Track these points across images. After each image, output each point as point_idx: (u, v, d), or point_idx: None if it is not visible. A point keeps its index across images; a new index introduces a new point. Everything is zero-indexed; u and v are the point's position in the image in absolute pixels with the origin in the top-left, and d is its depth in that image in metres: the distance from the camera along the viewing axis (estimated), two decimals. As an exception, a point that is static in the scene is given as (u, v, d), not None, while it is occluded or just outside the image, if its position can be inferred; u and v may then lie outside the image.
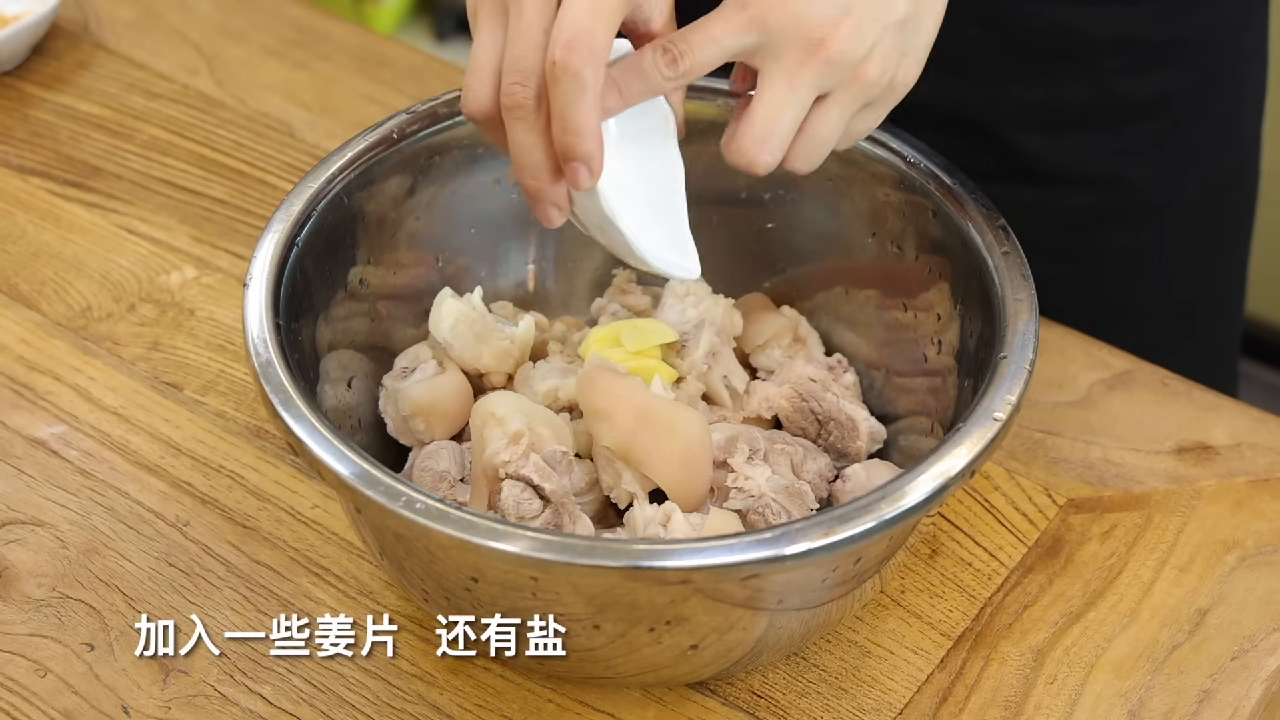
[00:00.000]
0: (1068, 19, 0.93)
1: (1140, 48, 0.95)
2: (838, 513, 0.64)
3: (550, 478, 0.73)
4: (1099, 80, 0.96)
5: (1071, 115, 0.97)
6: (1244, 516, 0.83)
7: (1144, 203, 1.00)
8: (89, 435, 0.87)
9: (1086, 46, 0.95)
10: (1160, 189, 1.00)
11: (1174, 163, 1.00)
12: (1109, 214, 1.00)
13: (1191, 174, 1.01)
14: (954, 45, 0.95)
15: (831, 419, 0.80)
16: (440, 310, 0.81)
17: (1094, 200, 0.99)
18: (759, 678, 0.76)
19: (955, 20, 0.94)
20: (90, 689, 0.75)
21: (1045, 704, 0.75)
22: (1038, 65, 0.95)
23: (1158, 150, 0.99)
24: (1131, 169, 0.99)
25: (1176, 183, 1.01)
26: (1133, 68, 0.95)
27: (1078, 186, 0.99)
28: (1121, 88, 0.96)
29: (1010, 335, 0.72)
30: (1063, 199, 0.98)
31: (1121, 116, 0.97)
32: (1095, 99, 0.96)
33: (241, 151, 1.06)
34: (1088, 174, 0.98)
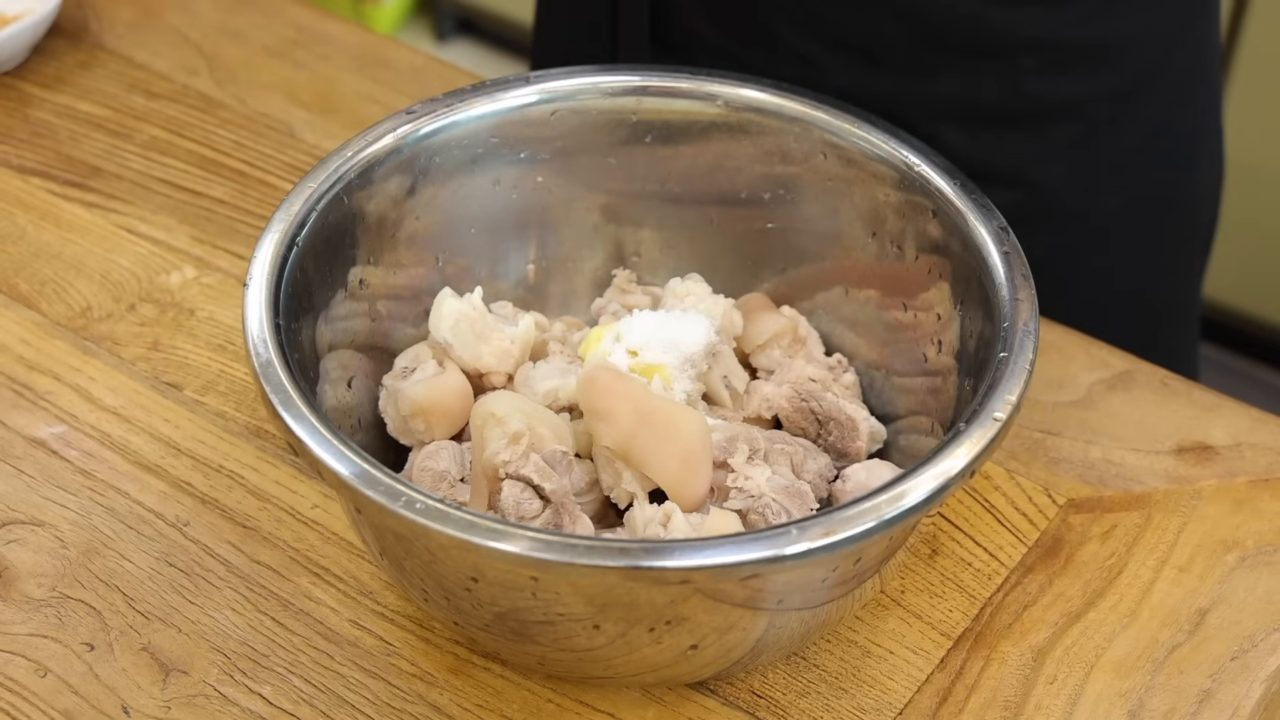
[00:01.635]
0: (981, 15, 0.92)
1: (1055, 49, 0.94)
2: (838, 513, 0.64)
3: (550, 478, 0.73)
4: (1013, 79, 0.95)
5: (986, 113, 0.96)
6: (1244, 516, 0.84)
7: (1064, 208, 1.00)
8: (89, 435, 0.87)
9: (1001, 44, 0.94)
10: (1078, 196, 0.99)
11: (1092, 170, 0.99)
12: (1025, 216, 0.99)
13: (1112, 183, 1.00)
14: (870, 34, 0.95)
15: (831, 419, 0.80)
16: (440, 310, 0.81)
17: (1010, 199, 0.98)
18: (759, 678, 0.76)
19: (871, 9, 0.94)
20: (90, 689, 0.75)
21: (1045, 704, 0.75)
22: (953, 60, 0.94)
23: (1074, 155, 0.98)
24: (1047, 172, 0.98)
25: (1099, 190, 1.00)
26: (1047, 68, 0.95)
27: (994, 184, 0.97)
28: (1035, 88, 0.95)
29: (1010, 335, 0.72)
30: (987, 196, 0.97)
31: (1036, 118, 0.97)
32: (1010, 98, 0.96)
33: (241, 151, 1.06)
34: (1003, 173, 0.98)
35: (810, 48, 0.95)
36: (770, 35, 0.96)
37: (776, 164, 0.85)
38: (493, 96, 0.84)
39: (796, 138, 0.83)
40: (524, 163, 0.85)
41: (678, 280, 0.86)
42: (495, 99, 0.84)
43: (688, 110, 0.85)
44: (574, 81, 0.85)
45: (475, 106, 0.83)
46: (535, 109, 0.84)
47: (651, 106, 0.85)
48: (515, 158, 0.85)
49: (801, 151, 0.84)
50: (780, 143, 0.84)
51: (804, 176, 0.84)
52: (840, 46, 0.94)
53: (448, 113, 0.83)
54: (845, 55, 0.94)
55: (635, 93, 0.85)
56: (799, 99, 0.83)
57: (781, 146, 0.84)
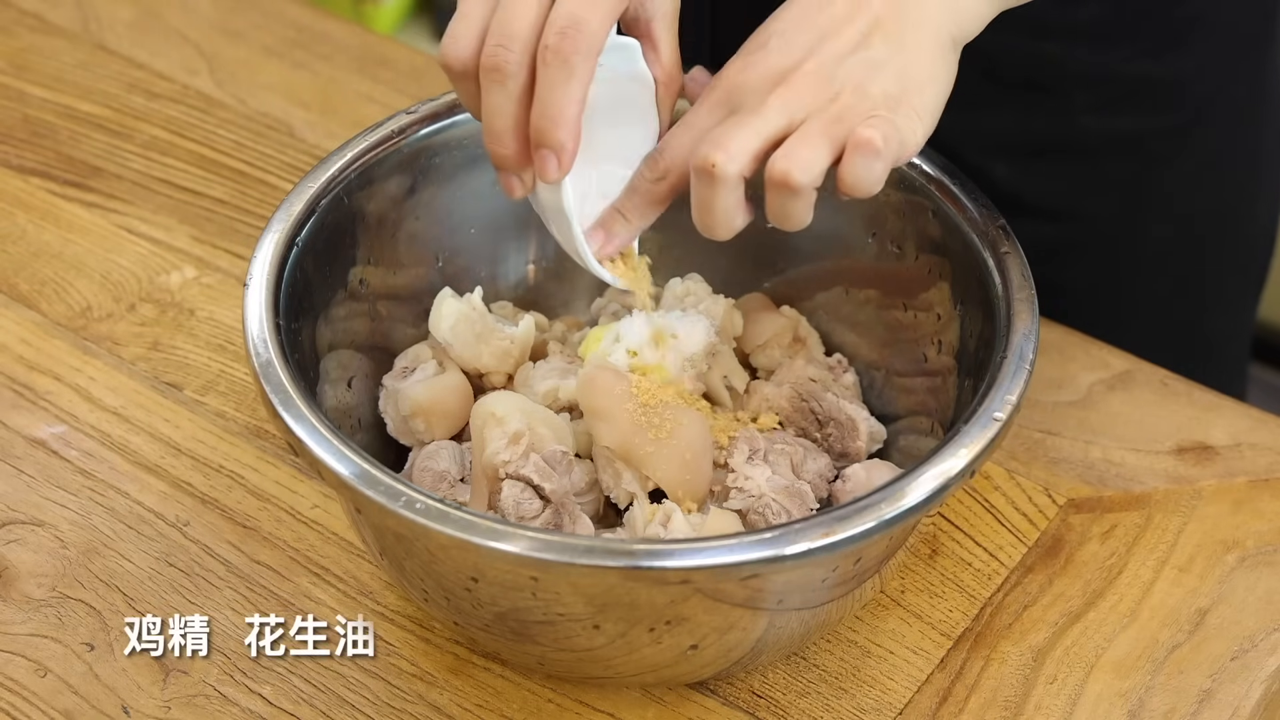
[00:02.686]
0: (1037, 51, 0.92)
1: (1109, 86, 0.94)
2: (838, 513, 0.64)
3: (550, 478, 0.73)
4: (1067, 114, 0.95)
5: (1038, 147, 0.95)
6: (1244, 516, 0.83)
7: (1111, 240, 0.99)
8: (89, 435, 0.87)
9: (1055, 80, 0.93)
10: (1128, 227, 0.99)
11: (1144, 202, 0.98)
12: (1076, 248, 0.99)
13: (1163, 214, 1.00)
14: None
15: (831, 419, 0.80)
16: (440, 310, 0.81)
17: (1061, 233, 0.98)
18: (759, 678, 0.76)
19: None
20: (90, 689, 0.75)
21: (1045, 704, 0.75)
22: (1007, 95, 0.94)
23: (1126, 189, 0.98)
24: (1100, 205, 0.98)
25: (1146, 222, 0.99)
26: (1102, 105, 0.94)
27: (1045, 218, 0.97)
28: (1090, 124, 0.95)
29: (1010, 335, 0.72)
30: (1030, 229, 0.96)
31: (1089, 152, 0.96)
32: (1063, 133, 0.95)
33: (241, 151, 1.06)
34: (1053, 206, 0.97)
35: None
36: None
37: (776, 164, 0.85)
38: (493, 96, 0.83)
39: (796, 138, 0.83)
40: (524, 163, 0.85)
41: (678, 280, 0.86)
42: (495, 99, 0.83)
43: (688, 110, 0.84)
44: (574, 81, 0.84)
45: (475, 106, 0.83)
46: None
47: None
48: (515, 158, 0.85)
49: (801, 151, 0.84)
50: (780, 143, 0.84)
51: (804, 176, 0.84)
52: None
53: (448, 113, 0.83)
54: None
55: (635, 93, 0.84)
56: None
57: (781, 146, 0.84)
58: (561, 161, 0.67)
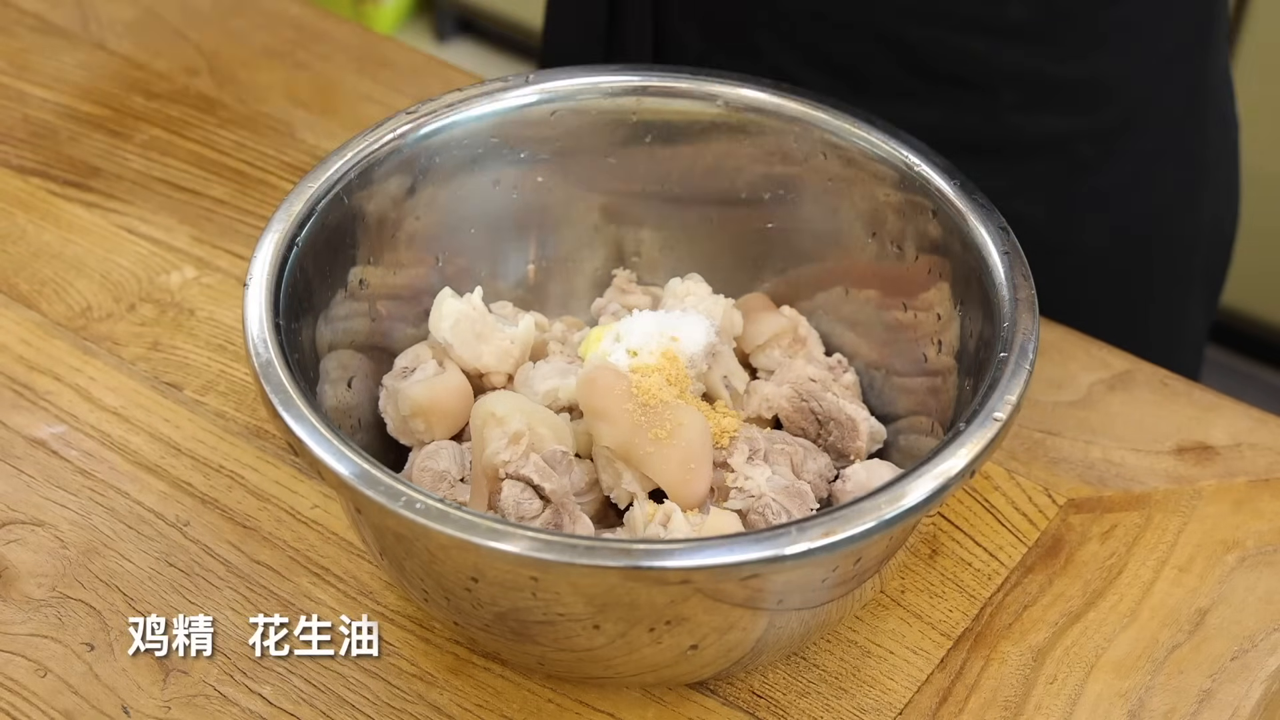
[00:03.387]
0: (965, 47, 0.92)
1: (1036, 85, 0.93)
2: (838, 513, 0.64)
3: (550, 478, 0.73)
4: (995, 112, 0.94)
5: (966, 144, 0.95)
6: (1244, 516, 0.84)
7: (1040, 243, 0.99)
8: (89, 435, 0.87)
9: (983, 76, 0.93)
10: (1059, 232, 0.98)
11: (1074, 206, 0.98)
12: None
13: (1095, 221, 0.99)
14: (855, 58, 0.94)
15: (831, 419, 0.80)
16: (440, 310, 0.81)
17: None
18: (759, 678, 0.76)
19: (857, 34, 0.93)
20: (90, 689, 0.75)
21: (1045, 704, 0.75)
22: (934, 89, 0.94)
23: (1056, 191, 0.97)
24: (1030, 207, 0.97)
25: (1079, 228, 0.98)
26: (1029, 103, 0.94)
27: None
28: (1017, 123, 0.94)
29: (1010, 335, 0.72)
30: None
31: (1018, 152, 0.95)
32: (991, 130, 0.95)
33: (241, 151, 1.06)
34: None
35: (793, 66, 0.95)
36: (754, 49, 0.96)
37: (776, 164, 0.85)
38: (493, 96, 0.84)
39: (796, 138, 0.83)
40: (524, 163, 0.85)
41: (678, 280, 0.86)
42: (495, 99, 0.84)
43: (688, 110, 0.85)
44: (574, 81, 0.85)
45: (475, 106, 0.83)
46: (535, 109, 0.84)
47: (651, 106, 0.85)
48: (515, 158, 0.85)
49: (801, 151, 0.84)
50: (780, 143, 0.84)
51: (804, 176, 0.84)
52: (821, 66, 0.94)
53: (448, 113, 0.83)
54: (826, 76, 0.94)
55: (635, 93, 0.85)
56: (799, 99, 0.83)
57: (781, 146, 0.84)
58: None
